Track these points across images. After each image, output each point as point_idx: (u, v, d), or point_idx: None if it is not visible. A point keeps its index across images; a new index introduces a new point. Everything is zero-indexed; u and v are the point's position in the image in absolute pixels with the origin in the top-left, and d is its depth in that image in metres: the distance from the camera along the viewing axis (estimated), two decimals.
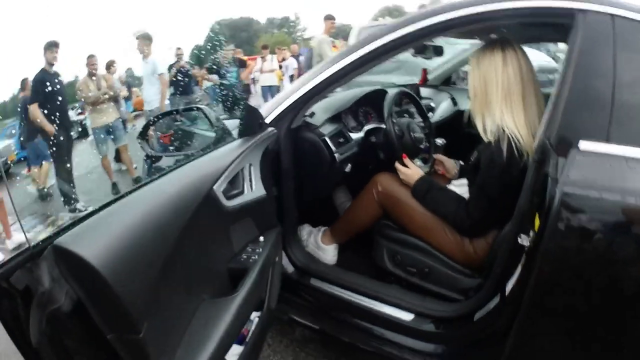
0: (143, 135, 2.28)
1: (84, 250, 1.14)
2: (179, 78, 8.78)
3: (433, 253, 2.22)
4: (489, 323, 1.90)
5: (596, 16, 1.73)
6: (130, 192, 1.45)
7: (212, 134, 2.21)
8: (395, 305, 2.16)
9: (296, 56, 12.98)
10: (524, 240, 1.66)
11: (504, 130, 1.98)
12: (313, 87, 2.19)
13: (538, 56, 7.44)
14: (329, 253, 2.54)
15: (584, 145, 1.57)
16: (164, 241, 1.36)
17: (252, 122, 2.08)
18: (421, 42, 2.25)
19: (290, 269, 2.39)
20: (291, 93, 2.25)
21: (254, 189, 1.87)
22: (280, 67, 12.35)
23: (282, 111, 2.23)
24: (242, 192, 1.82)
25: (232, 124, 2.24)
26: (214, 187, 1.67)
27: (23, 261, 1.23)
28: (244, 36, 58.16)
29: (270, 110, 2.24)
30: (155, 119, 2.45)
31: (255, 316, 1.81)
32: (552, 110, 1.70)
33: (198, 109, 2.47)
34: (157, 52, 7.66)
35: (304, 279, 2.37)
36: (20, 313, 1.28)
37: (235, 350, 1.64)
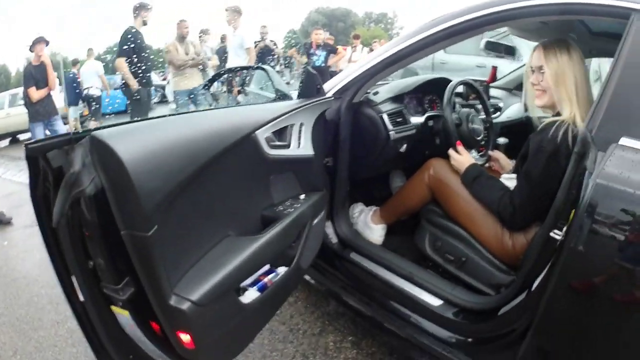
0: (208, 86, 2.36)
1: (117, 144, 1.27)
2: (260, 56, 8.87)
3: (472, 243, 2.22)
4: (512, 319, 1.87)
5: None
6: (175, 115, 1.57)
7: (272, 95, 2.26)
8: (426, 289, 2.16)
9: None
10: (557, 235, 1.63)
11: (565, 120, 1.97)
12: (377, 64, 2.22)
13: None
14: (376, 232, 2.56)
15: (625, 141, 1.52)
16: (191, 161, 1.45)
17: (310, 86, 2.15)
18: (493, 27, 2.19)
19: (334, 239, 2.42)
20: (356, 69, 2.28)
21: (301, 147, 1.91)
22: None
23: (346, 84, 2.27)
24: (287, 146, 1.87)
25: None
26: (257, 132, 1.73)
27: (62, 142, 1.40)
28: (340, 26, 58.23)
29: (336, 82, 2.29)
30: (223, 73, 2.52)
31: (283, 270, 1.84)
32: (597, 104, 1.67)
33: (263, 69, 2.50)
34: (246, 27, 7.74)
35: (344, 252, 2.40)
36: (49, 189, 1.44)
37: (254, 294, 1.69)
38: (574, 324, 1.63)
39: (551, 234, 1.68)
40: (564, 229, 1.60)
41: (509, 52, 3.76)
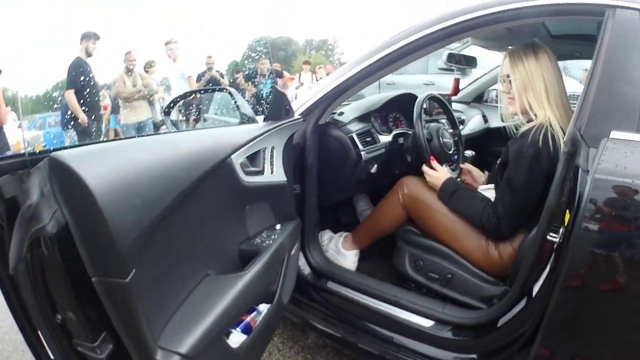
0: (168, 112, 2.27)
1: (83, 168, 1.07)
2: (211, 82, 8.84)
3: (457, 259, 2.17)
4: (514, 329, 1.84)
5: (624, 12, 1.72)
6: (144, 136, 1.42)
7: (237, 120, 2.17)
8: (414, 311, 2.10)
9: None
10: (554, 238, 1.61)
11: (542, 123, 1.97)
12: (342, 83, 2.18)
13: (570, 82, 7.43)
14: (349, 259, 2.51)
15: (615, 134, 1.54)
16: (167, 190, 1.30)
17: (278, 107, 2.07)
18: (453, 39, 2.20)
19: (306, 270, 2.34)
20: (320, 89, 2.23)
21: (274, 173, 1.84)
22: None
23: (310, 106, 2.22)
24: (261, 172, 1.79)
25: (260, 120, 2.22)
26: (232, 157, 1.63)
27: (15, 166, 1.16)
28: (281, 55, 58.76)
29: (298, 105, 2.23)
30: (183, 97, 2.43)
31: (264, 308, 1.76)
32: (582, 102, 1.68)
33: (227, 91, 2.44)
34: (186, 57, 7.75)
35: (320, 282, 2.32)
36: (1, 226, 1.21)
37: (239, 337, 1.58)
38: (584, 324, 1.61)
39: (547, 237, 1.65)
40: (561, 230, 1.59)
41: (470, 63, 3.76)
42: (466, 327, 2.00)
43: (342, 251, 2.52)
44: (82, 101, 6.07)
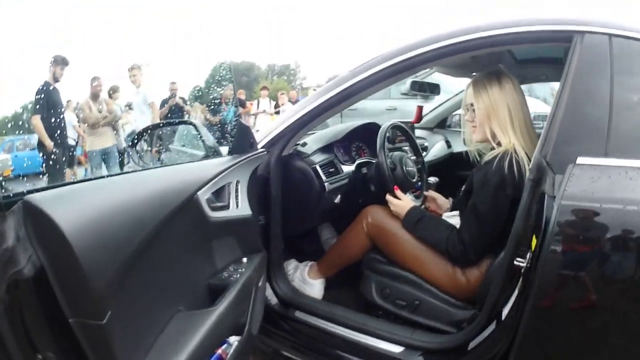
0: (133, 144, 2.26)
1: (55, 211, 1.09)
2: (173, 114, 8.82)
3: (423, 285, 2.19)
4: (484, 352, 1.86)
5: (593, 37, 1.76)
6: (112, 175, 1.43)
7: (202, 153, 2.19)
8: (383, 338, 2.11)
9: (294, 102, 13.06)
10: (521, 263, 1.64)
11: (507, 150, 2.00)
12: (305, 115, 2.20)
13: (535, 103, 7.51)
14: (315, 288, 2.50)
15: (582, 160, 1.58)
16: (137, 229, 1.31)
17: (243, 140, 2.09)
18: (419, 69, 2.26)
19: (274, 300, 2.34)
20: (283, 121, 2.25)
21: (239, 207, 1.85)
22: (278, 112, 12.40)
23: (273, 137, 2.23)
24: (227, 207, 1.80)
25: (224, 151, 2.22)
26: (198, 194, 1.64)
27: None
28: (244, 80, 58.84)
29: (262, 136, 2.24)
30: (148, 130, 2.42)
31: (235, 340, 1.75)
32: (548, 129, 1.71)
33: (192, 124, 2.46)
34: (150, 83, 7.73)
35: (288, 312, 2.33)
36: None
37: None
38: (555, 345, 1.64)
39: (514, 262, 1.68)
40: (528, 255, 1.61)
41: (433, 90, 3.85)
42: (436, 351, 2.02)
43: (308, 280, 2.52)
44: (48, 127, 6.00)
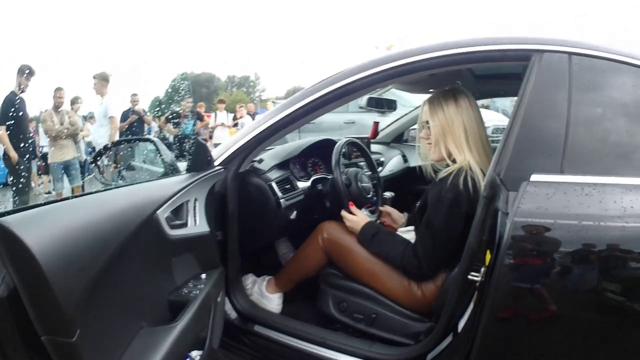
0: (95, 161, 2.28)
1: (27, 235, 1.13)
2: (134, 125, 8.78)
3: (380, 299, 2.22)
4: None
5: (551, 56, 1.80)
6: (76, 197, 1.48)
7: (161, 169, 2.21)
8: (341, 351, 2.13)
9: (252, 115, 13.10)
10: (475, 277, 1.67)
11: (462, 167, 2.04)
12: (262, 132, 2.21)
13: (494, 116, 7.61)
14: (273, 302, 2.51)
15: (536, 177, 1.61)
16: (101, 250, 1.34)
17: (200, 158, 2.11)
18: (378, 86, 2.31)
19: (233, 315, 2.35)
20: (240, 137, 2.27)
21: (197, 224, 1.86)
22: (237, 124, 12.34)
23: (231, 154, 2.24)
24: (185, 225, 1.82)
25: (182, 166, 2.24)
26: (158, 212, 1.67)
27: None
28: (204, 92, 58.64)
29: (219, 153, 2.26)
30: (109, 147, 2.44)
31: (197, 355, 1.78)
32: (502, 146, 1.74)
33: (151, 141, 2.45)
34: (113, 95, 7.72)
35: (247, 326, 2.34)
36: None
37: None
38: (511, 356, 1.70)
39: (468, 276, 1.71)
40: (482, 269, 1.64)
41: (390, 106, 3.89)
42: None
43: (266, 294, 2.52)
44: (14, 138, 5.94)
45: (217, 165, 2.18)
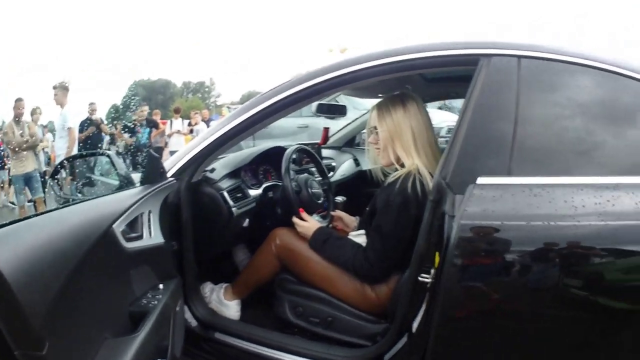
0: (53, 175, 2.29)
1: None
2: (93, 135, 8.70)
3: (335, 303, 2.27)
4: None
5: (500, 59, 1.83)
6: (37, 215, 1.55)
7: (116, 182, 2.21)
8: (300, 355, 2.17)
9: (206, 121, 12.98)
10: (426, 278, 1.71)
11: (410, 171, 2.08)
12: (212, 142, 2.23)
13: (448, 117, 7.69)
14: (231, 309, 2.53)
15: (482, 180, 1.64)
16: (63, 265, 1.38)
17: (153, 170, 2.12)
18: (328, 93, 2.33)
19: (194, 323, 2.37)
20: (192, 147, 2.29)
21: (152, 236, 1.89)
22: (192, 131, 12.22)
23: (183, 165, 2.26)
24: (141, 237, 1.84)
25: (137, 178, 2.25)
26: (114, 226, 1.69)
27: None
28: (160, 99, 58.09)
29: (172, 163, 2.27)
30: (67, 161, 2.45)
31: None
32: (449, 150, 1.77)
33: (106, 155, 2.47)
34: (73, 105, 7.65)
35: (208, 333, 2.36)
36: None
37: None
38: (464, 354, 1.74)
39: (419, 278, 1.75)
40: (432, 271, 1.69)
41: (341, 112, 3.93)
42: None
43: (224, 302, 2.54)
44: None
45: (170, 177, 2.20)
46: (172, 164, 2.27)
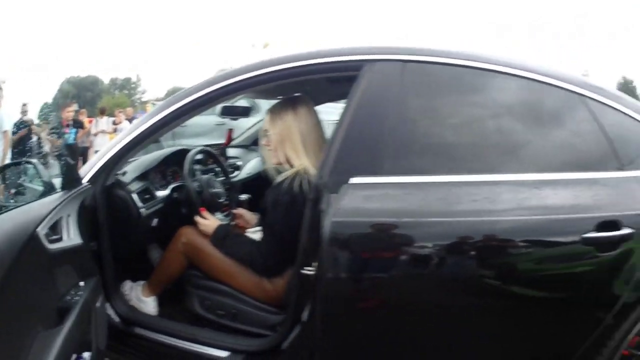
0: None
1: None
2: (24, 143, 8.52)
3: (237, 296, 2.42)
4: (295, 351, 2.11)
5: (384, 64, 1.95)
6: None
7: (41, 188, 2.31)
8: (211, 345, 2.32)
9: (130, 119, 12.72)
10: (309, 271, 1.88)
11: (298, 172, 2.28)
12: (125, 145, 2.37)
13: None
14: (149, 305, 2.67)
15: (355, 180, 1.78)
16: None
17: (69, 177, 2.24)
18: (228, 98, 2.48)
19: (117, 319, 2.48)
20: (104, 152, 2.41)
21: (71, 237, 2.00)
22: (116, 130, 12.03)
23: (98, 170, 2.37)
24: (61, 239, 1.95)
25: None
26: (37, 230, 1.82)
27: None
28: (88, 96, 56.51)
29: (89, 168, 2.39)
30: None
31: (88, 356, 1.96)
32: (327, 153, 1.92)
33: (31, 163, 2.57)
34: (7, 106, 7.47)
35: (129, 328, 2.47)
36: None
37: None
38: (348, 341, 1.94)
39: (302, 271, 1.92)
40: (314, 264, 1.83)
41: (246, 113, 4.12)
42: (256, 353, 2.25)
43: (142, 299, 2.67)
44: None
45: (87, 182, 2.32)
46: (89, 167, 2.39)
